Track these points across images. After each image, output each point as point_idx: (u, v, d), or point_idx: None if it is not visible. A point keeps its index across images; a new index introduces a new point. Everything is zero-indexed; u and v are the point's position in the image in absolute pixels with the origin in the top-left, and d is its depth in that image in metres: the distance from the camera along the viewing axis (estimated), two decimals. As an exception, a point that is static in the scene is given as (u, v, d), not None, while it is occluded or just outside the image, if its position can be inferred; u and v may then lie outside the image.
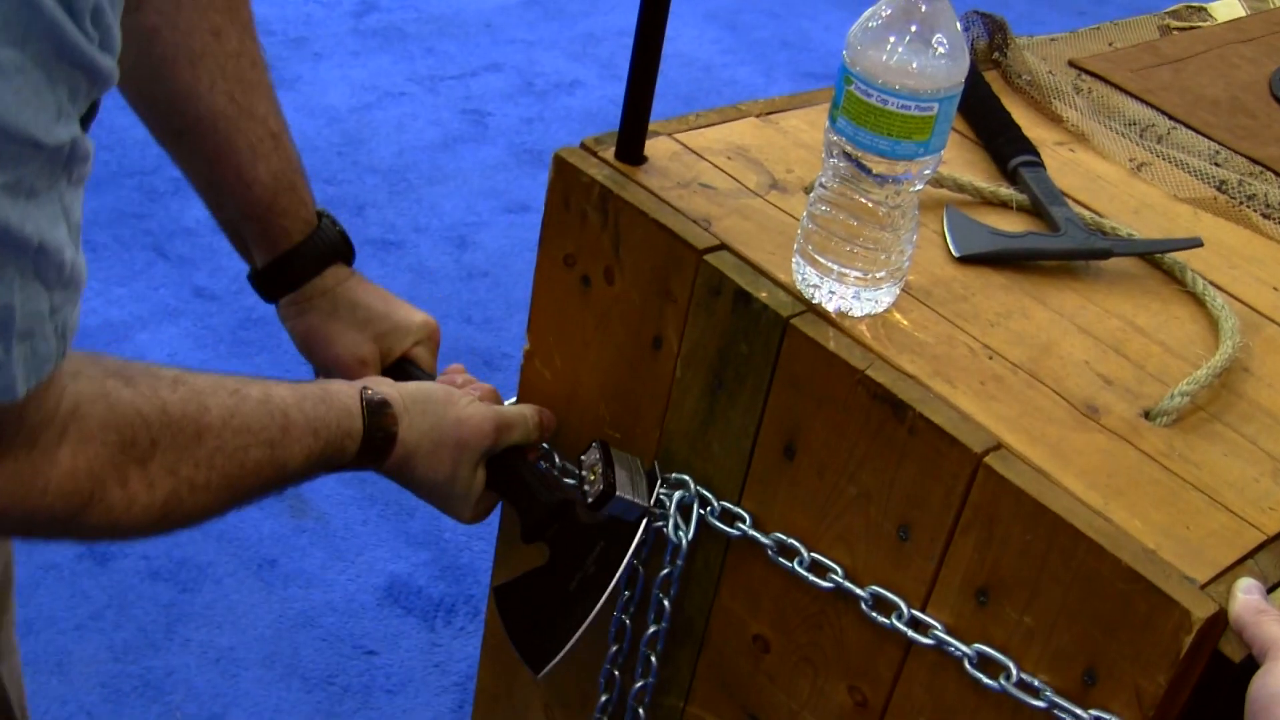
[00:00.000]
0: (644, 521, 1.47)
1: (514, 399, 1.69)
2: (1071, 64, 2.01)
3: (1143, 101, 1.92)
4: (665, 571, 1.50)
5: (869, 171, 1.27)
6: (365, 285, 1.65)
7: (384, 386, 1.44)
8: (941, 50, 1.23)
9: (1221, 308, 1.45)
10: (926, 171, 1.28)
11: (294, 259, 1.58)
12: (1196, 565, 1.15)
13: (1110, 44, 2.10)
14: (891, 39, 1.23)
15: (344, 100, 4.77)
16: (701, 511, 1.45)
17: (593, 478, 1.47)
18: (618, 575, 1.47)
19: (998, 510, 1.21)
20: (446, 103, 4.89)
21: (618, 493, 1.45)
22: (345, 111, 4.72)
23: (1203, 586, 1.14)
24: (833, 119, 1.28)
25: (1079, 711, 1.19)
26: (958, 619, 1.27)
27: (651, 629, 1.55)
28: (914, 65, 1.22)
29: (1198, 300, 1.49)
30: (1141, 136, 1.83)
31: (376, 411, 1.39)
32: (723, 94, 5.22)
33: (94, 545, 2.83)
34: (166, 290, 3.82)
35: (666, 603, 1.53)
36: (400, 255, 4.07)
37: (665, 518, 1.46)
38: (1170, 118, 1.89)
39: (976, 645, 1.25)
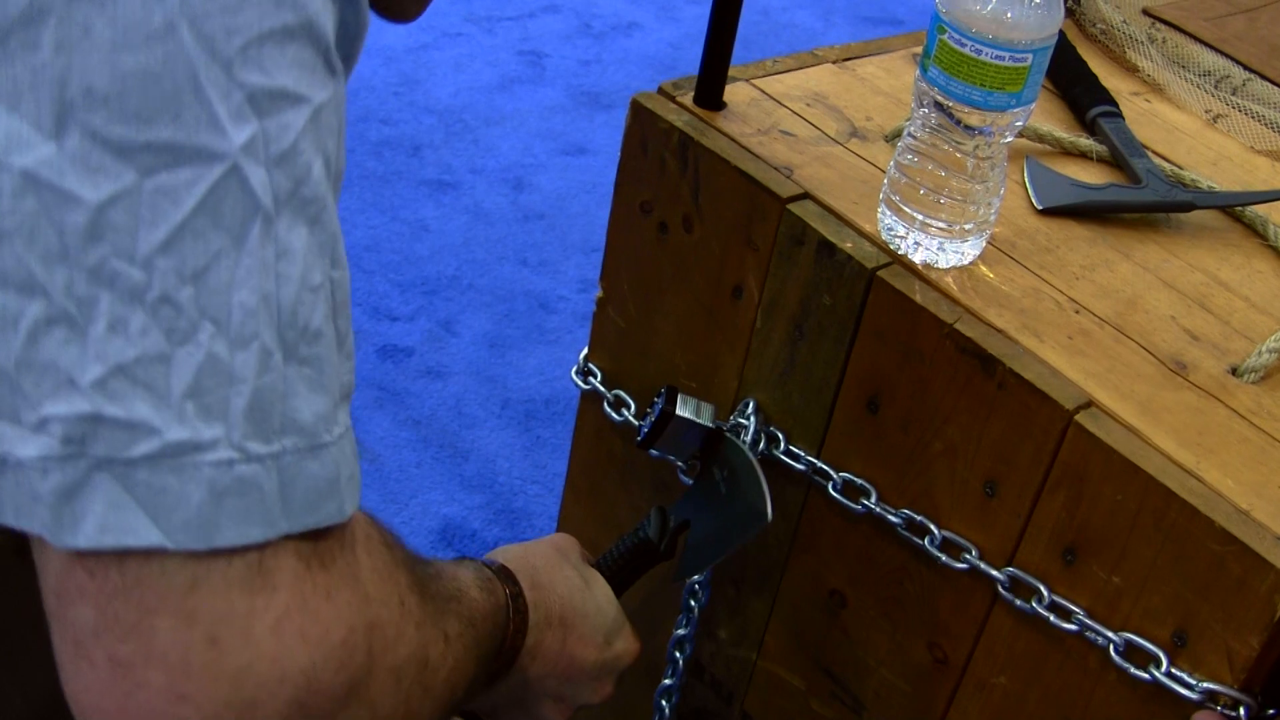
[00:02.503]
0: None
1: (585, 349, 1.68)
2: (1145, 12, 1.98)
3: (1217, 51, 1.89)
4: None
5: (960, 122, 1.25)
6: None
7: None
8: (1036, 0, 1.20)
9: (1305, 261, 1.43)
10: (1018, 124, 1.26)
11: None
12: (1291, 526, 1.14)
13: (1185, -10, 2.07)
14: (986, -12, 1.21)
15: (401, 40, 4.74)
16: (784, 458, 1.44)
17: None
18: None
19: (1088, 468, 1.19)
20: (504, 43, 4.86)
21: (677, 411, 1.44)
22: (402, 51, 4.70)
23: (1297, 548, 1.12)
24: (924, 68, 1.26)
25: (1187, 680, 1.17)
26: (1045, 577, 1.25)
27: (696, 578, 1.55)
28: (1009, 15, 1.20)
29: (1278, 253, 1.47)
30: (1216, 87, 1.80)
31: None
32: (781, 36, 5.18)
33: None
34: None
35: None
36: (456, 196, 4.05)
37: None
38: (1245, 68, 1.86)
39: (1081, 615, 1.24)
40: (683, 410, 1.44)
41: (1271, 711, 1.17)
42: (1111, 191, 1.49)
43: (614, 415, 1.63)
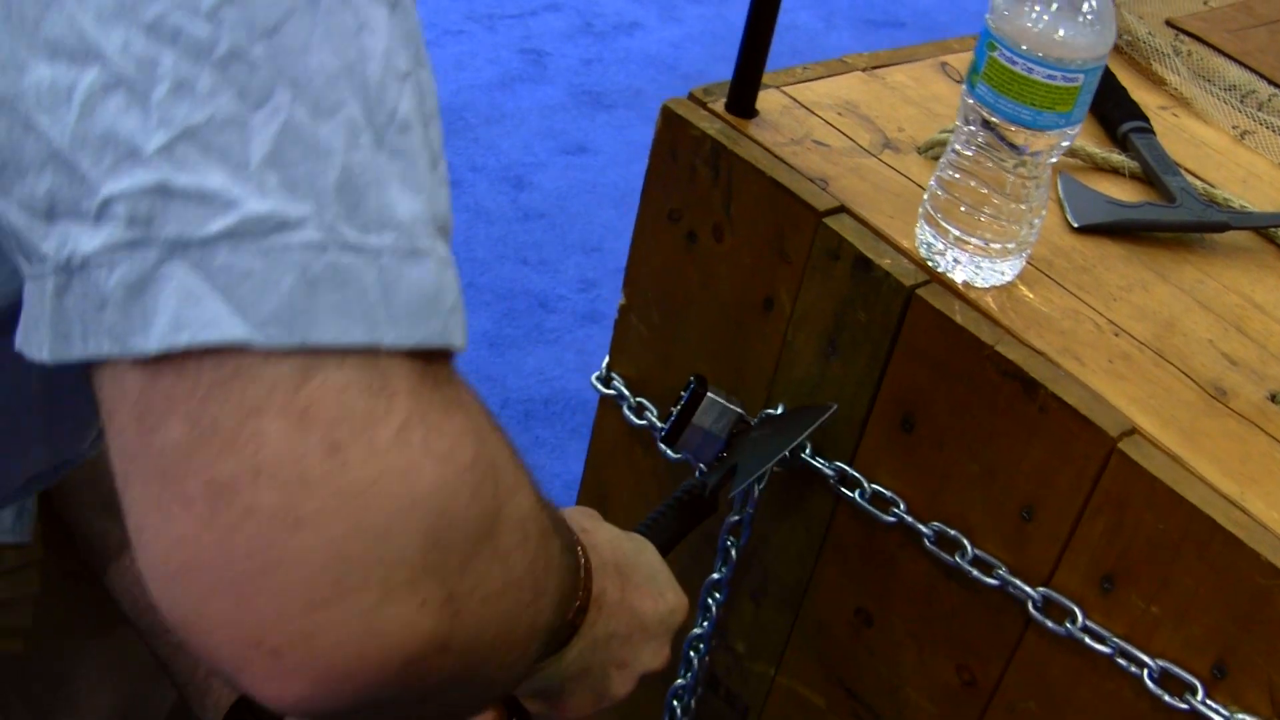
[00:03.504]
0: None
1: (607, 357, 1.66)
2: (1169, 23, 1.96)
3: (1242, 64, 1.88)
4: (734, 518, 1.48)
5: (1006, 141, 1.24)
6: None
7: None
8: (1090, 18, 1.19)
9: (1337, 284, 1.42)
10: (1065, 144, 1.25)
11: None
12: (1334, 560, 1.12)
13: (1205, 2, 2.06)
14: (1038, 5, 1.19)
15: (401, 34, 4.71)
16: (812, 460, 1.42)
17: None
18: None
19: (1130, 496, 1.18)
20: (505, 41, 4.84)
21: (709, 394, 1.40)
22: (402, 46, 4.67)
23: (1343, 583, 1.11)
24: (971, 84, 1.25)
25: (1223, 710, 1.16)
26: (1080, 602, 1.24)
27: (715, 575, 1.52)
28: (1061, 33, 1.18)
29: (1311, 276, 1.46)
30: (1243, 102, 1.79)
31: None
32: (783, 39, 5.07)
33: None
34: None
35: (733, 550, 1.50)
36: (457, 195, 4.03)
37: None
38: (1270, 83, 1.85)
39: (1117, 639, 1.22)
40: (715, 394, 1.40)
41: (1310, 746, 1.15)
42: (1147, 210, 1.47)
43: (634, 419, 1.61)
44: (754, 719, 1.62)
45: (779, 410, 1.44)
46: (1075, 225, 1.43)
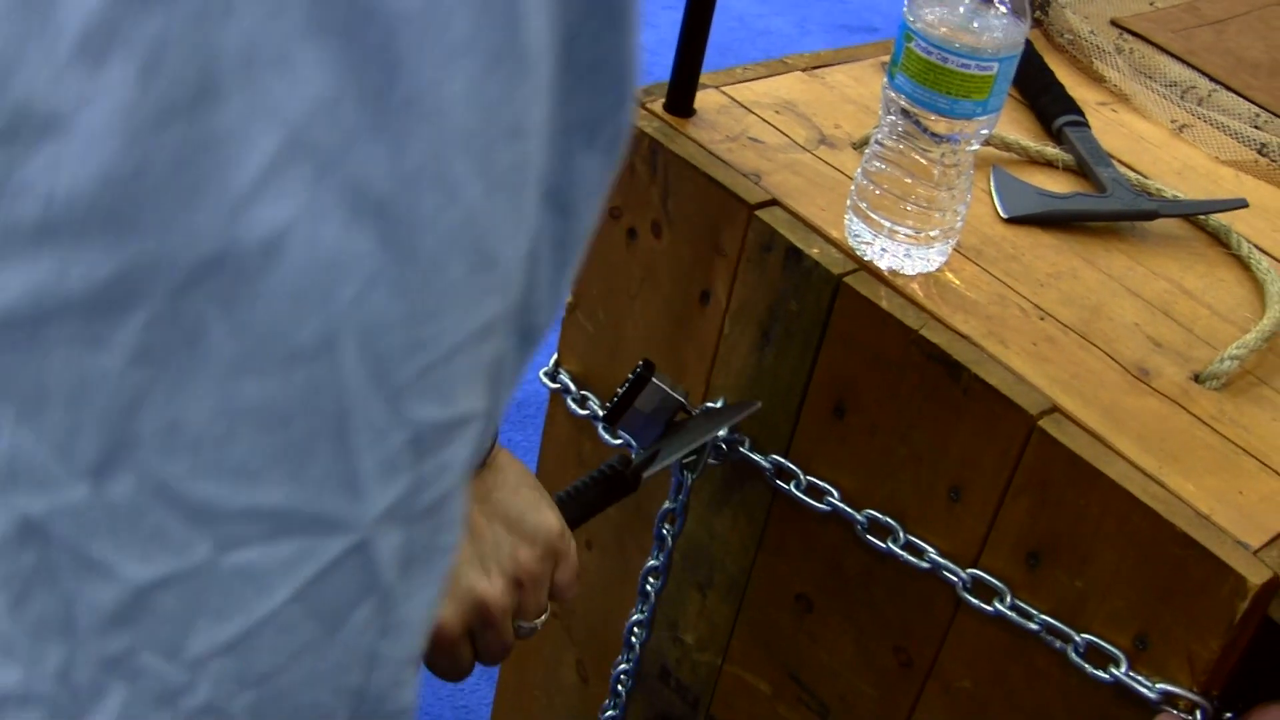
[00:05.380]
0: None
1: (555, 354, 1.68)
2: (1113, 23, 1.99)
3: (1184, 63, 1.90)
4: (668, 506, 1.52)
5: (926, 129, 1.26)
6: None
7: None
8: (1003, 9, 1.22)
9: (1267, 271, 1.44)
10: (984, 131, 1.28)
11: None
12: (1250, 530, 1.15)
13: (1151, 3, 2.09)
14: (953, -4, 1.22)
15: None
16: (750, 453, 1.45)
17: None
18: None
19: (1051, 474, 1.20)
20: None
21: (652, 378, 1.42)
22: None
23: (1256, 552, 1.13)
24: (891, 75, 1.27)
25: (1145, 681, 1.19)
26: (1008, 581, 1.26)
27: (652, 562, 1.56)
28: (975, 24, 1.21)
29: (1243, 264, 1.48)
30: (1183, 98, 1.82)
31: None
32: (757, 44, 5.19)
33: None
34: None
35: (669, 537, 1.54)
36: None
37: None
38: (1211, 79, 1.88)
39: (1045, 616, 1.25)
40: (659, 381, 1.43)
41: (1229, 715, 1.18)
42: (1077, 200, 1.50)
43: (578, 409, 1.64)
44: (704, 709, 1.65)
45: (719, 404, 1.47)
46: (1005, 216, 1.46)
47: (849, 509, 1.37)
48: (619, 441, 1.55)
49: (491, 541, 1.22)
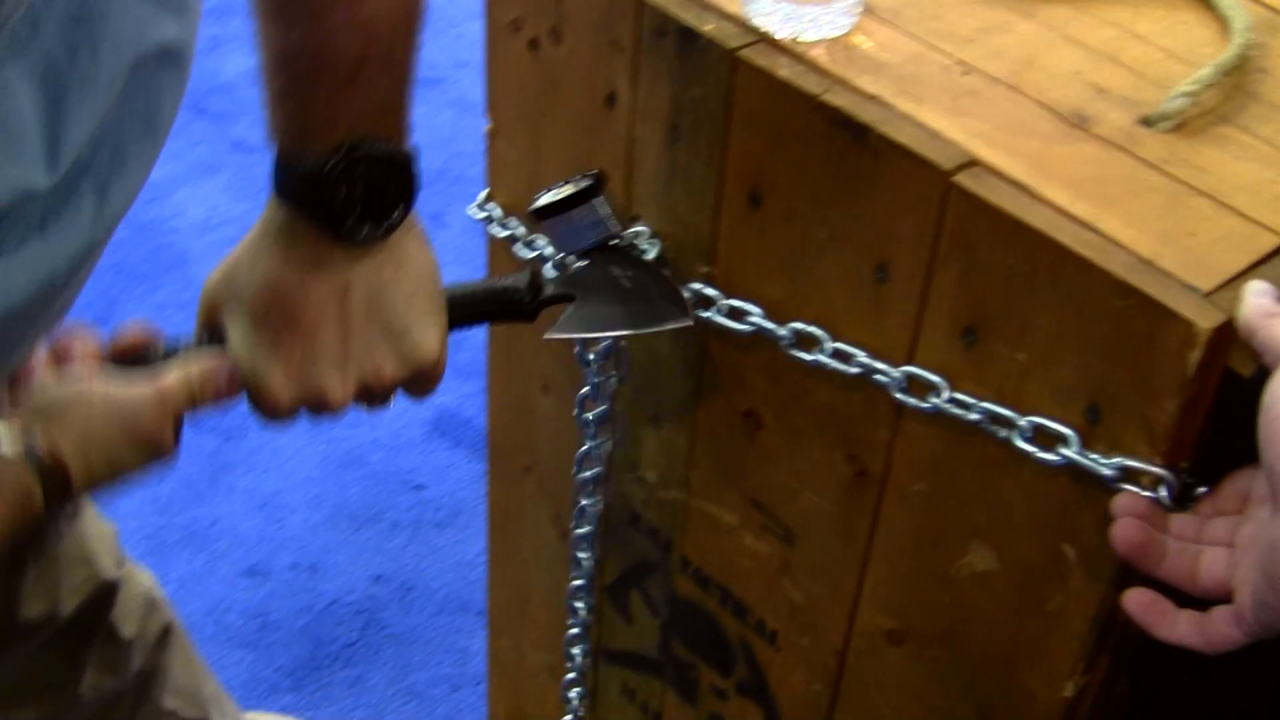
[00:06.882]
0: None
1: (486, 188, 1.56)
2: None
3: None
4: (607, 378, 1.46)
5: None
6: None
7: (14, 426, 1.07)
8: None
9: (1232, 4, 1.30)
10: None
11: None
12: (1201, 273, 1.01)
13: None
14: None
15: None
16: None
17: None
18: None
19: (975, 234, 1.07)
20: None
21: (599, 195, 1.32)
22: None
23: (1207, 295, 0.99)
24: None
25: (1100, 459, 1.05)
26: (947, 366, 1.14)
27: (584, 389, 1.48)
28: None
29: (1206, 3, 1.33)
30: None
31: (32, 454, 1.05)
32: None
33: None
34: (205, 146, 3.73)
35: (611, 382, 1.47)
36: (442, 92, 3.94)
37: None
38: None
39: (985, 404, 1.12)
40: (605, 202, 1.31)
41: (1202, 489, 1.05)
42: (1016, -49, 1.36)
43: (499, 231, 1.53)
44: (676, 551, 1.53)
45: (649, 252, 1.34)
46: (935, -27, 1.32)
47: (771, 325, 1.25)
48: (534, 254, 1.44)
49: (362, 345, 1.14)
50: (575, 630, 1.68)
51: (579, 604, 1.65)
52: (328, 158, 1.06)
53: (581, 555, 1.60)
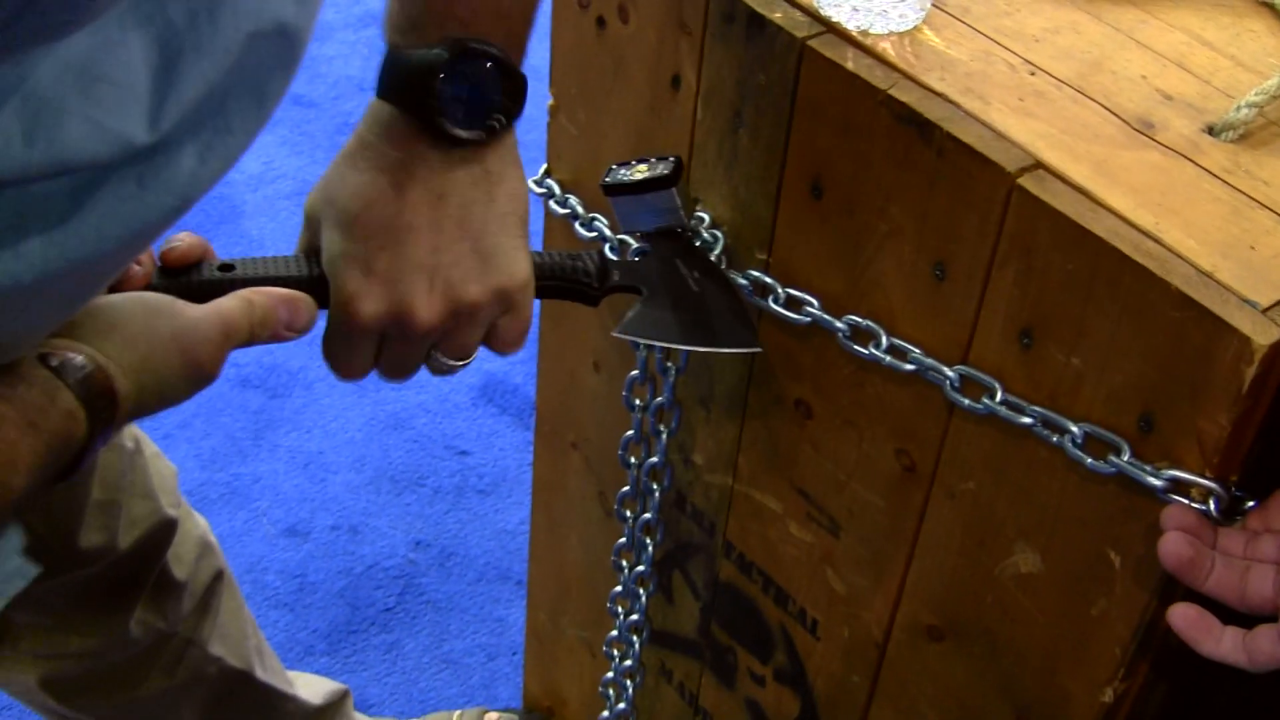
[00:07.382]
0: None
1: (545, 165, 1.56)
2: None
3: None
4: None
5: None
6: None
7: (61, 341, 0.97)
8: None
9: (1305, 14, 1.29)
10: None
11: None
12: (1260, 288, 1.00)
13: None
14: None
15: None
16: (731, 272, 1.33)
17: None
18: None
19: (1036, 237, 1.07)
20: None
21: (676, 185, 1.31)
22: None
23: (1265, 310, 0.99)
24: None
25: (1151, 471, 1.05)
26: (1001, 366, 1.13)
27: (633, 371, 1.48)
28: None
29: (1276, 12, 1.32)
30: None
31: (77, 372, 0.95)
32: None
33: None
34: (261, 100, 3.74)
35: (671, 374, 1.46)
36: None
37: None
38: None
39: (1039, 408, 1.12)
40: (679, 191, 1.31)
41: (1250, 504, 1.04)
42: (1089, -49, 1.35)
43: (558, 209, 1.53)
44: (720, 535, 1.54)
45: (715, 255, 1.35)
46: (1006, -30, 1.32)
47: (829, 317, 1.25)
48: (593, 235, 1.45)
49: (450, 259, 1.11)
50: (635, 617, 1.68)
51: (639, 590, 1.65)
52: (436, 47, 1.05)
53: (646, 540, 1.59)
